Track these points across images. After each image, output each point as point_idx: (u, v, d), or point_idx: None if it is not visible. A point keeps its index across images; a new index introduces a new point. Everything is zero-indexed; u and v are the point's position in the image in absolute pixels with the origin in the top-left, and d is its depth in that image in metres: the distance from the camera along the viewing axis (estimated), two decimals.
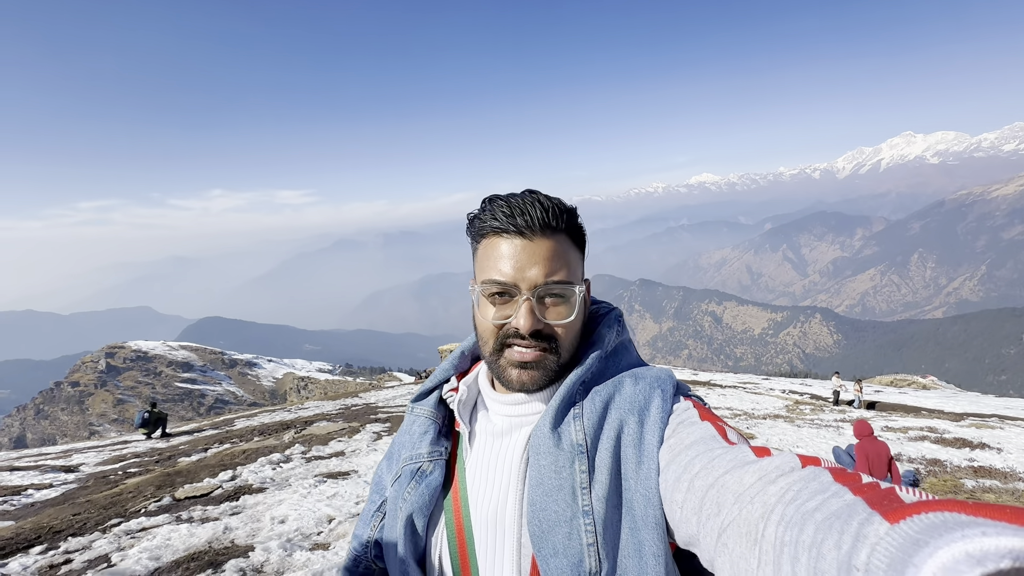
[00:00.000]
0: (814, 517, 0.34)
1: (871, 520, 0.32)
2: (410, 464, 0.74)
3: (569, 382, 0.65)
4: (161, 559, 3.47)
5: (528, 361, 0.65)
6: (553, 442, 0.62)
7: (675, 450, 0.55)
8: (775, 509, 0.38)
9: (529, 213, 0.64)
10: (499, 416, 0.71)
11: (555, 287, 0.64)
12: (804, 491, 0.38)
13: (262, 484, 5.43)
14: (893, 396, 17.63)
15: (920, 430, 9.36)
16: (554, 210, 0.65)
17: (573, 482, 0.59)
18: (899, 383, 24.81)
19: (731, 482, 0.45)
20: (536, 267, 0.63)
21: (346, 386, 49.06)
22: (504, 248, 0.65)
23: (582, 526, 0.57)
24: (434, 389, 0.81)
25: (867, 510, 0.32)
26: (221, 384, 70.43)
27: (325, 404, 17.61)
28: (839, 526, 0.32)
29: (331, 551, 3.58)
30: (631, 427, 0.61)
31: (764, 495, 0.41)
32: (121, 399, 64.89)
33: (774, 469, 0.43)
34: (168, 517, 4.41)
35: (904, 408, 14.43)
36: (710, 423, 0.57)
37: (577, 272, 0.67)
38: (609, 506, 0.58)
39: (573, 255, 0.67)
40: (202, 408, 62.65)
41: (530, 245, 0.64)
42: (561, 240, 0.66)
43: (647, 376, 0.66)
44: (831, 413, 12.53)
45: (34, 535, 4.09)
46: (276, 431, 9.80)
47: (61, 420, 64.73)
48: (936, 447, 7.86)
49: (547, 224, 0.64)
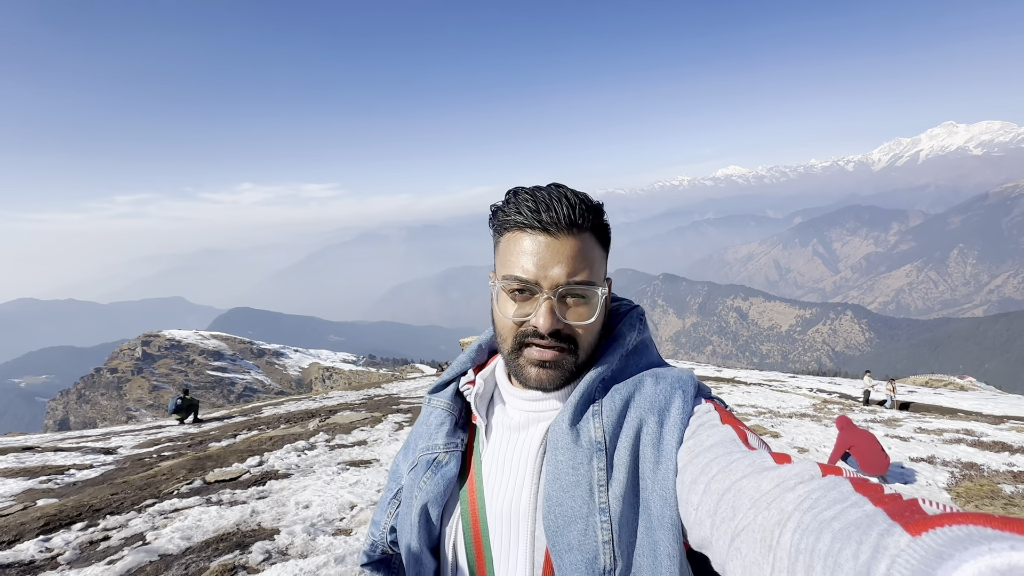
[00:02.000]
0: (832, 526, 0.34)
1: (892, 531, 0.31)
2: (426, 454, 0.75)
3: (589, 379, 0.65)
4: (192, 539, 3.61)
5: (547, 360, 0.64)
6: (572, 438, 0.62)
7: (694, 452, 0.55)
8: (792, 516, 0.38)
9: (555, 209, 0.62)
10: (516, 410, 0.72)
11: (577, 288, 0.63)
12: (823, 500, 0.37)
13: (288, 470, 5.59)
14: (928, 397, 17.01)
15: (956, 432, 9.01)
16: (580, 207, 0.64)
17: (591, 479, 0.59)
18: (934, 383, 23.91)
19: (748, 487, 0.45)
20: (559, 266, 0.62)
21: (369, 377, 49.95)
22: (527, 244, 0.64)
23: (598, 523, 0.57)
24: (451, 381, 0.81)
25: (888, 521, 0.32)
26: (250, 373, 72.58)
27: (349, 394, 17.98)
28: (858, 536, 0.32)
29: (352, 537, 3.66)
30: (651, 426, 0.61)
31: (781, 502, 0.40)
32: (156, 385, 67.52)
33: (793, 476, 0.43)
34: (199, 499, 4.58)
35: (939, 409, 13.91)
36: (731, 426, 0.57)
37: (600, 272, 0.66)
38: (626, 504, 0.58)
39: (597, 254, 0.66)
40: (232, 396, 64.71)
41: (554, 243, 0.63)
42: (586, 239, 0.65)
43: (668, 376, 0.66)
44: (860, 413, 12.16)
45: (75, 512, 4.30)
46: (301, 419, 10.05)
47: (101, 404, 67.77)
48: (973, 450, 7.55)
49: (573, 222, 0.63)
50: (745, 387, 17.90)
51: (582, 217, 0.63)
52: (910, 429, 9.40)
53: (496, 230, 0.69)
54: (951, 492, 5.50)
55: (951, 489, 5.60)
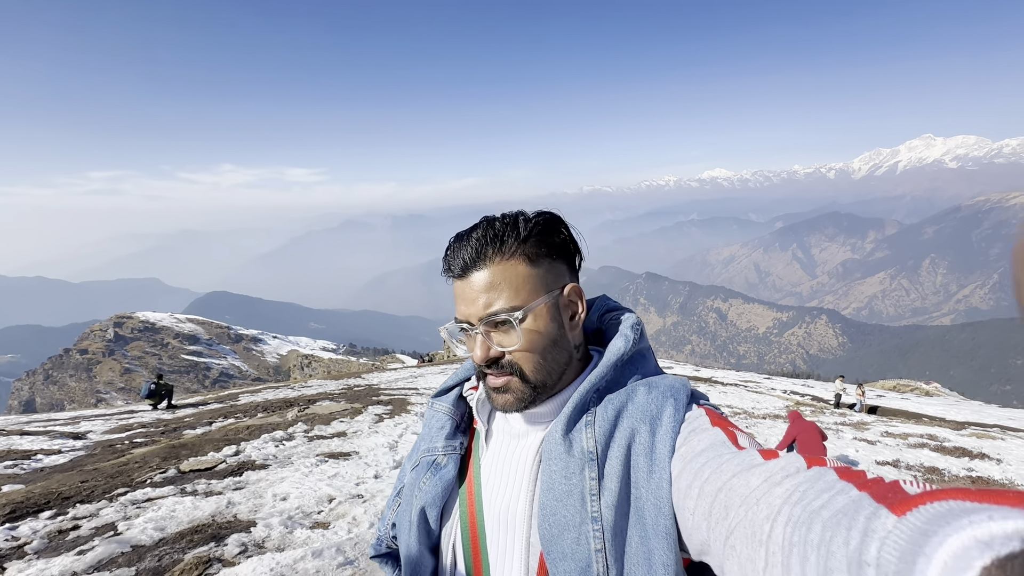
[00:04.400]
0: (821, 515, 0.35)
1: (878, 514, 0.32)
2: (427, 456, 0.78)
3: (583, 389, 0.66)
4: (166, 530, 3.56)
5: (498, 386, 0.67)
6: (564, 448, 0.63)
7: (686, 458, 0.56)
8: (781, 510, 0.39)
9: (458, 255, 0.67)
10: (516, 418, 0.73)
11: (493, 317, 0.65)
12: (810, 491, 0.38)
13: (265, 461, 5.53)
14: (895, 401, 17.59)
15: (920, 437, 9.35)
16: (489, 238, 0.66)
17: (583, 488, 0.60)
18: (902, 388, 24.72)
19: (738, 485, 0.46)
20: (474, 303, 0.66)
21: (349, 366, 49.51)
22: (455, 289, 0.69)
23: (591, 532, 0.58)
24: (455, 386, 0.84)
25: (873, 504, 0.33)
26: (226, 358, 71.27)
27: (328, 383, 17.81)
28: (846, 522, 0.33)
29: (330, 531, 3.65)
30: (643, 436, 0.61)
31: (769, 497, 0.41)
32: (128, 368, 65.84)
33: (779, 471, 0.44)
34: (173, 489, 4.51)
35: (905, 414, 14.39)
36: (720, 428, 0.58)
37: (531, 291, 0.66)
38: (618, 513, 0.59)
39: (520, 277, 0.66)
40: (207, 381, 63.50)
41: (467, 283, 0.67)
42: (504, 264, 0.66)
43: (661, 385, 0.66)
44: (831, 415, 12.52)
45: (43, 500, 4.19)
46: (280, 408, 9.93)
47: (69, 386, 65.87)
48: (935, 455, 7.86)
49: (477, 259, 0.66)
50: (722, 387, 18.25)
51: (484, 251, 0.66)
52: (877, 432, 9.73)
53: None
54: None
55: None
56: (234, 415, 9.52)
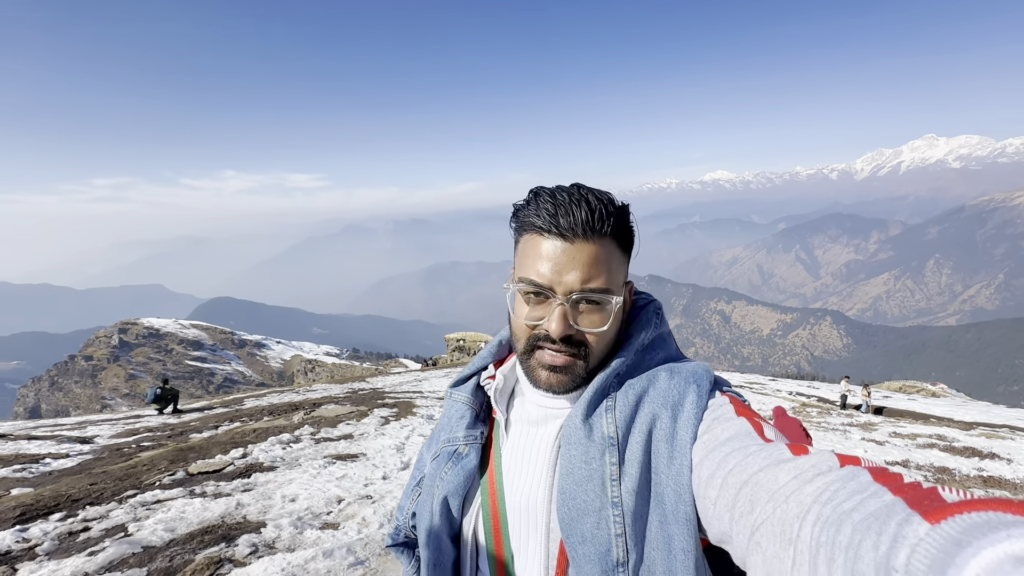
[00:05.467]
0: (851, 517, 0.34)
1: (910, 520, 0.31)
2: (448, 446, 0.77)
3: (604, 374, 0.65)
4: (176, 531, 3.56)
5: (558, 365, 0.65)
6: (584, 433, 0.62)
7: (709, 446, 0.55)
8: (811, 509, 0.38)
9: (574, 214, 0.62)
10: (534, 405, 0.72)
11: (591, 294, 0.63)
12: (842, 491, 0.37)
13: (273, 463, 5.53)
14: (902, 402, 17.48)
15: (929, 437, 9.28)
16: (601, 212, 0.63)
17: (603, 473, 0.60)
18: (908, 389, 24.55)
19: (765, 480, 0.45)
20: (574, 272, 0.62)
21: (353, 370, 49.53)
22: (544, 248, 0.63)
23: (611, 516, 0.58)
24: (472, 376, 0.82)
25: (906, 510, 0.31)
26: (230, 364, 71.42)
27: (332, 387, 17.82)
28: (877, 527, 0.32)
29: (341, 531, 3.65)
30: (664, 422, 0.60)
31: (800, 494, 0.40)
32: (133, 374, 66.06)
33: (810, 468, 0.42)
34: (182, 491, 4.52)
35: (913, 415, 14.30)
36: (746, 419, 0.57)
37: (618, 279, 0.66)
38: (639, 499, 0.58)
39: (616, 260, 0.65)
40: (211, 386, 63.63)
41: (571, 248, 0.62)
42: (605, 244, 0.64)
43: (683, 371, 0.65)
44: (838, 417, 12.45)
45: (53, 502, 4.20)
46: (285, 412, 9.94)
47: (75, 393, 66.11)
48: (945, 455, 7.80)
49: (591, 227, 0.62)
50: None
51: (601, 222, 0.63)
52: (885, 433, 9.66)
53: (516, 230, 0.70)
54: None
55: None
56: (240, 419, 9.54)
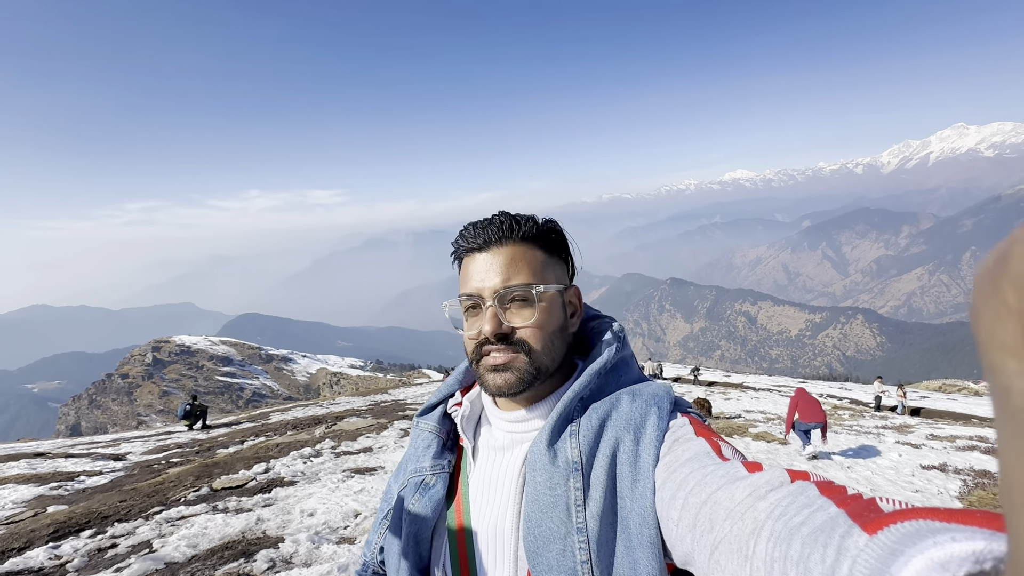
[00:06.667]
0: (801, 531, 0.35)
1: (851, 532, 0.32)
2: (415, 476, 0.76)
3: (567, 398, 0.66)
4: (198, 547, 3.64)
5: (499, 364, 0.66)
6: (549, 459, 0.62)
7: (670, 468, 0.55)
8: (765, 525, 0.39)
9: (487, 229, 0.68)
10: (501, 431, 0.73)
11: (515, 290, 0.66)
12: (792, 506, 0.38)
13: (293, 477, 5.61)
14: (941, 402, 16.75)
15: (969, 439, 8.87)
16: (511, 222, 0.68)
17: (568, 499, 0.59)
18: (948, 389, 23.54)
19: (723, 498, 0.45)
20: (495, 274, 0.67)
21: (376, 382, 50.03)
22: (472, 265, 0.69)
23: (576, 543, 0.57)
24: (439, 404, 0.82)
25: (848, 522, 0.33)
26: (258, 378, 72.94)
27: (355, 400, 18.03)
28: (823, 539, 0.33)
29: (357, 545, 3.67)
30: (627, 445, 0.61)
31: (754, 511, 0.41)
32: (166, 391, 68.03)
33: (764, 484, 0.43)
34: (206, 507, 4.62)
35: (952, 415, 13.70)
36: (704, 439, 0.57)
37: (546, 276, 0.68)
38: (604, 524, 0.58)
39: (539, 259, 0.69)
40: (240, 401, 65.03)
41: (488, 256, 0.68)
42: (524, 246, 0.68)
43: (644, 393, 0.66)
44: (872, 419, 12.01)
45: (84, 519, 4.35)
46: (308, 426, 10.10)
47: (112, 410, 68.41)
48: (986, 458, 7.44)
49: (504, 235, 0.68)
50: (754, 392, 17.75)
51: (511, 230, 0.68)
52: (922, 436, 9.28)
53: (455, 263, 0.74)
54: (963, 501, 5.41)
55: (963, 498, 5.51)
56: (265, 433, 9.72)
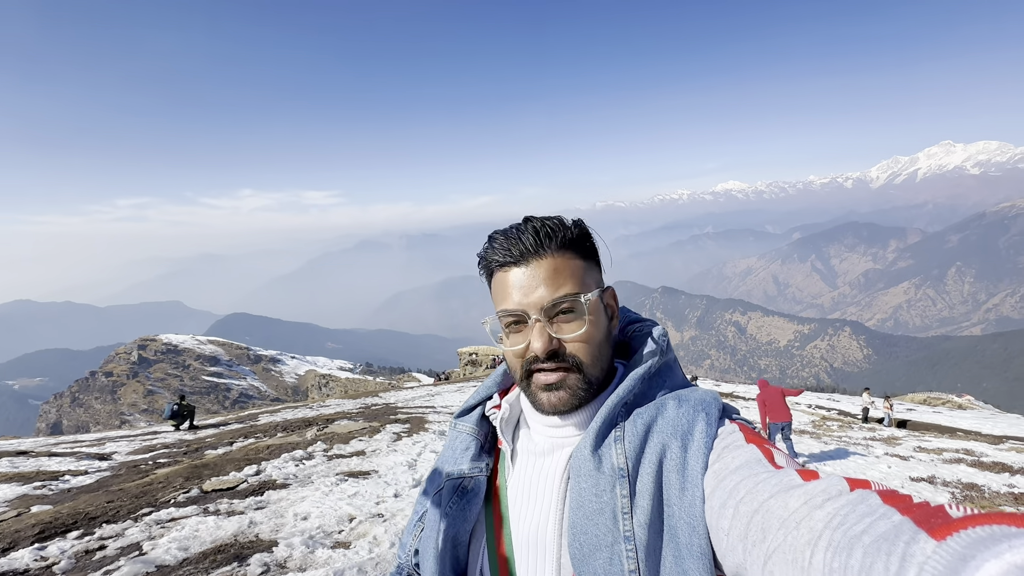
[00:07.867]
0: (862, 541, 0.34)
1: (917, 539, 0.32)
2: (452, 479, 0.75)
3: (611, 403, 0.65)
4: (189, 550, 3.57)
5: (552, 383, 0.65)
6: (594, 464, 0.61)
7: (720, 475, 0.54)
8: (823, 535, 0.38)
9: (522, 241, 0.66)
10: (541, 436, 0.71)
11: (562, 302, 0.64)
12: (852, 515, 0.37)
13: (285, 480, 5.54)
14: (926, 415, 16.96)
15: (955, 452, 8.98)
16: (546, 230, 0.67)
17: (614, 506, 0.58)
18: (933, 401, 23.85)
19: (776, 507, 0.44)
20: (540, 289, 0.65)
21: (366, 385, 49.67)
22: (510, 279, 0.67)
23: (623, 551, 0.56)
24: (477, 405, 0.81)
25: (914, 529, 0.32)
26: (246, 379, 72.10)
27: (346, 402, 17.87)
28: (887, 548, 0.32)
29: (351, 550, 3.63)
30: (674, 452, 0.59)
31: (810, 520, 0.40)
32: (151, 390, 67.01)
33: (820, 493, 0.41)
34: (196, 509, 4.54)
35: (938, 428, 13.86)
36: (755, 446, 0.56)
37: (587, 282, 0.68)
38: (651, 532, 0.57)
39: (578, 266, 0.68)
40: (227, 402, 64.22)
41: (529, 270, 0.66)
42: (563, 256, 0.67)
43: (691, 398, 0.64)
44: (860, 431, 12.13)
45: (71, 520, 4.25)
46: (299, 428, 9.99)
47: (95, 408, 67.20)
48: (973, 470, 7.53)
49: (541, 246, 0.66)
50: (744, 402, 17.84)
51: (548, 239, 0.66)
52: (910, 448, 9.38)
53: (485, 276, 0.73)
54: None
55: None
56: (254, 435, 9.60)
